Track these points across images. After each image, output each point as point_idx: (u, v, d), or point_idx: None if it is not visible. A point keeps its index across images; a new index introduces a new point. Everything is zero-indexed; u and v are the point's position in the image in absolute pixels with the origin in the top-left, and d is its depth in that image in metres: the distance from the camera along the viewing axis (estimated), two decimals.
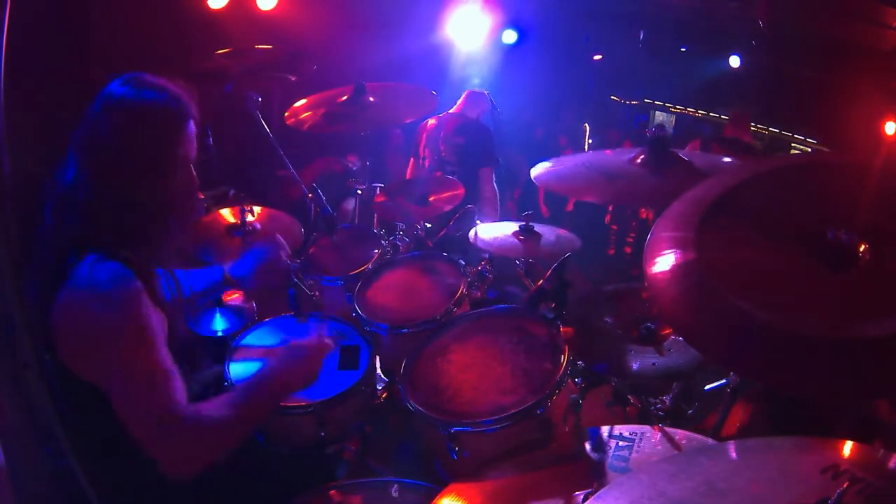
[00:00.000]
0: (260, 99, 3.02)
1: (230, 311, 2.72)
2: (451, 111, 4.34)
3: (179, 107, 1.54)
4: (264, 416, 1.64)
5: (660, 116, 8.70)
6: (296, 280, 2.67)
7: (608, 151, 2.32)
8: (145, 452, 1.37)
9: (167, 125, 1.52)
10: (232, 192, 3.37)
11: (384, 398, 2.31)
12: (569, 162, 2.28)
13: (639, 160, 2.06)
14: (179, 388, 1.42)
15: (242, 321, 2.66)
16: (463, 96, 4.41)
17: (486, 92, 4.47)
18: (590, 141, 8.02)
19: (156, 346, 1.42)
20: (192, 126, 1.58)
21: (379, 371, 2.41)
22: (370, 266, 2.80)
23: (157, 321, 1.45)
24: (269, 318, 2.47)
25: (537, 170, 2.23)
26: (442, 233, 3.53)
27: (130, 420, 1.39)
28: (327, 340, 1.77)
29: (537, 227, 2.78)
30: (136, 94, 1.50)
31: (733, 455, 1.08)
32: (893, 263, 1.21)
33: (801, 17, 5.32)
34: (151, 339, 1.41)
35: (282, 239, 2.06)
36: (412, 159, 4.46)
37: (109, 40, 3.26)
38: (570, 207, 6.79)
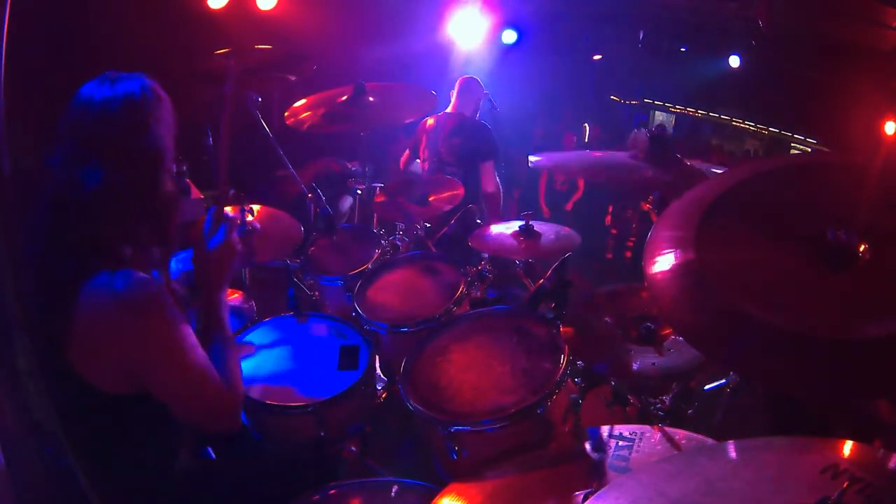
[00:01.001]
0: (260, 99, 3.02)
1: (229, 312, 2.72)
2: (447, 110, 4.33)
3: (152, 94, 1.52)
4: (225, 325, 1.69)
5: (660, 116, 8.71)
6: (296, 280, 2.67)
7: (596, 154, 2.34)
8: (203, 430, 1.55)
9: (143, 112, 1.50)
10: (232, 192, 3.36)
11: (384, 398, 2.31)
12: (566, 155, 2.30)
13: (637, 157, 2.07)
14: (217, 374, 1.51)
15: (242, 321, 2.66)
16: (456, 87, 4.39)
17: (477, 78, 4.45)
18: (587, 141, 8.03)
19: (192, 341, 1.47)
20: (169, 110, 1.57)
21: (379, 371, 2.41)
22: (370, 266, 2.80)
23: (175, 306, 1.48)
24: (269, 318, 2.48)
25: (535, 157, 2.25)
26: (442, 233, 3.53)
27: (189, 415, 1.51)
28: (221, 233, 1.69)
29: (537, 227, 2.78)
30: (112, 89, 1.48)
31: (733, 455, 1.08)
32: (893, 263, 1.21)
33: (801, 17, 5.32)
34: (187, 335, 1.46)
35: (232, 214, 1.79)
36: (407, 151, 4.46)
37: (109, 40, 3.25)
38: (569, 206, 6.78)
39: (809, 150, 7.04)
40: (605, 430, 1.71)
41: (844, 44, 5.10)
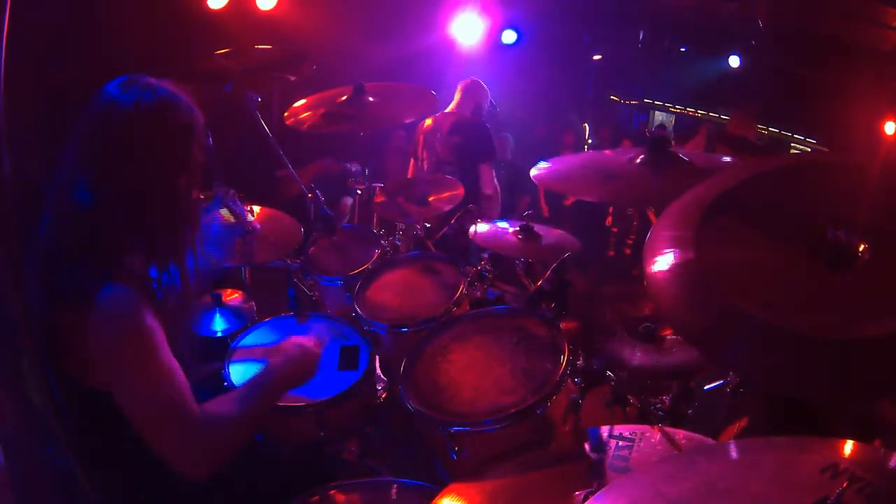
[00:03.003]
0: (260, 99, 3.02)
1: (230, 312, 2.73)
2: (446, 110, 4.33)
3: (188, 105, 1.53)
4: (266, 413, 1.68)
5: (660, 116, 8.71)
6: (295, 280, 2.67)
7: (608, 151, 2.31)
8: (160, 457, 1.40)
9: (184, 123, 1.51)
10: (232, 192, 3.37)
11: (384, 398, 2.31)
12: (568, 161, 2.29)
13: (638, 160, 2.06)
14: (187, 393, 1.44)
15: (242, 321, 2.66)
16: (458, 90, 4.38)
17: (482, 82, 4.44)
18: (589, 141, 8.03)
19: (159, 355, 1.42)
20: (191, 117, 1.55)
21: (379, 371, 2.41)
22: (370, 266, 2.80)
23: (159, 330, 1.45)
24: (269, 318, 2.48)
25: (536, 170, 2.24)
26: (442, 233, 3.53)
27: (142, 427, 1.41)
28: (318, 346, 1.83)
29: (537, 228, 2.78)
30: (145, 96, 1.46)
31: (733, 455, 1.08)
32: (893, 263, 1.20)
33: (801, 17, 5.32)
34: (154, 350, 1.42)
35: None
36: (412, 160, 4.46)
37: (109, 40, 3.26)
38: (569, 202, 6.79)
39: (809, 150, 7.04)
40: (605, 430, 1.70)
41: (844, 44, 5.10)
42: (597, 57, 7.71)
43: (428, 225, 3.25)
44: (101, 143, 1.47)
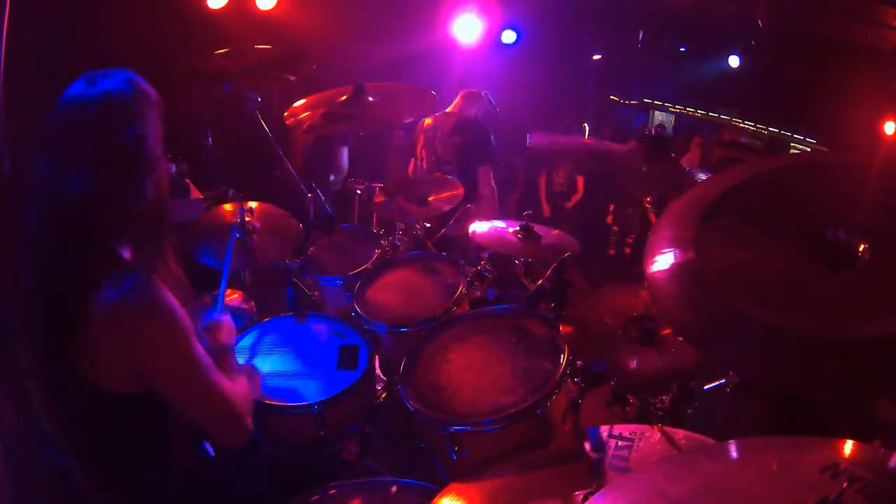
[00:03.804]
0: (260, 99, 3.02)
1: (229, 312, 2.73)
2: (447, 111, 4.34)
3: (132, 92, 1.49)
4: None
5: (659, 116, 8.70)
6: (295, 280, 2.67)
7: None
8: (209, 434, 1.58)
9: (122, 112, 1.47)
10: (231, 191, 3.38)
11: (384, 398, 2.31)
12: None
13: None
14: (223, 378, 1.55)
15: (241, 321, 2.66)
16: (459, 97, 4.41)
17: (482, 92, 4.46)
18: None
19: (194, 341, 1.48)
20: (155, 106, 1.54)
21: (379, 371, 2.41)
22: (370, 266, 2.80)
23: (185, 314, 1.47)
24: (269, 318, 2.48)
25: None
26: (441, 232, 3.53)
27: (192, 412, 1.53)
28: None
29: (537, 228, 2.78)
30: (90, 90, 1.45)
31: (733, 455, 1.08)
32: (893, 263, 1.21)
33: (801, 17, 5.32)
34: (190, 336, 1.46)
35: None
36: (412, 160, 4.47)
37: (109, 40, 3.26)
38: (569, 205, 6.78)
39: (809, 150, 7.03)
40: (604, 430, 1.70)
41: (844, 44, 5.10)
42: (597, 57, 7.69)
43: (428, 225, 3.25)
44: (66, 140, 1.46)
